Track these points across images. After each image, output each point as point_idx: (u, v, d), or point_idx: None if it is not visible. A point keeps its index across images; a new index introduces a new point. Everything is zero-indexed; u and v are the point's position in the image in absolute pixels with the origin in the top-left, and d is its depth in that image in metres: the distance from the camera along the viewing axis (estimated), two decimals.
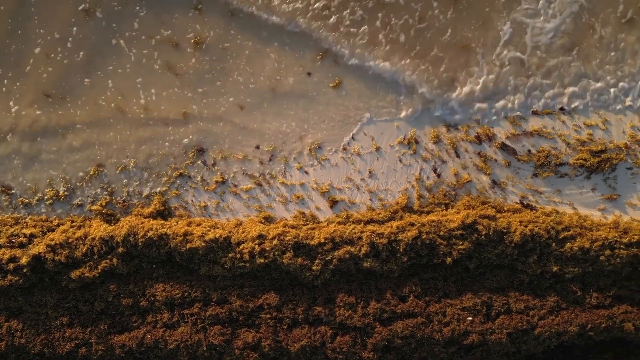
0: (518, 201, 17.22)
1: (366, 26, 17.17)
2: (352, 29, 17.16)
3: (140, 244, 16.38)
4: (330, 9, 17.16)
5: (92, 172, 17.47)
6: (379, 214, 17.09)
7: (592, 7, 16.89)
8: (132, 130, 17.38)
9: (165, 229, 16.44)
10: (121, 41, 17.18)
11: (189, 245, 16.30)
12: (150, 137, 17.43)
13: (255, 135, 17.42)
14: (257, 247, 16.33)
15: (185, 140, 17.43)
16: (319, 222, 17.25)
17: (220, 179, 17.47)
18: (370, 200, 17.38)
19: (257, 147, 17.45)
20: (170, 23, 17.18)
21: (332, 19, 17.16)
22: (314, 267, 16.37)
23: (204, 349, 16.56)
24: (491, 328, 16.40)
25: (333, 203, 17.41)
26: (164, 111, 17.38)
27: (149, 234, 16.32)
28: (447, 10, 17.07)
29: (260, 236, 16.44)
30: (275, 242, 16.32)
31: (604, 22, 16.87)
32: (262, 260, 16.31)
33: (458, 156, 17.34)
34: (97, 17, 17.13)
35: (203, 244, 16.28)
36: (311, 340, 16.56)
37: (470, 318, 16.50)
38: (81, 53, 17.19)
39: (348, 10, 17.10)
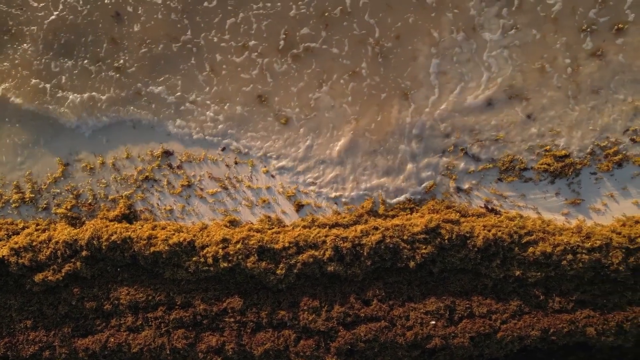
0: (483, 205, 17.29)
1: None
2: None
3: (104, 247, 16.40)
4: None
5: (57, 174, 17.46)
6: (344, 218, 17.14)
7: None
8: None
9: (129, 233, 16.46)
10: None
11: (152, 249, 16.33)
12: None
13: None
14: (220, 251, 16.36)
15: (152, 142, 17.45)
16: (284, 226, 17.28)
17: (186, 183, 17.49)
18: (336, 204, 17.42)
19: (223, 150, 17.46)
20: None
21: None
22: (278, 271, 16.41)
23: (168, 352, 16.58)
24: (454, 332, 16.46)
25: (299, 207, 17.45)
26: None
27: (112, 238, 16.33)
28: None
29: (224, 240, 16.47)
30: (239, 246, 16.36)
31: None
32: (225, 264, 16.34)
33: (425, 160, 17.37)
34: None
35: (167, 248, 16.31)
36: (275, 344, 16.60)
37: (433, 322, 16.57)
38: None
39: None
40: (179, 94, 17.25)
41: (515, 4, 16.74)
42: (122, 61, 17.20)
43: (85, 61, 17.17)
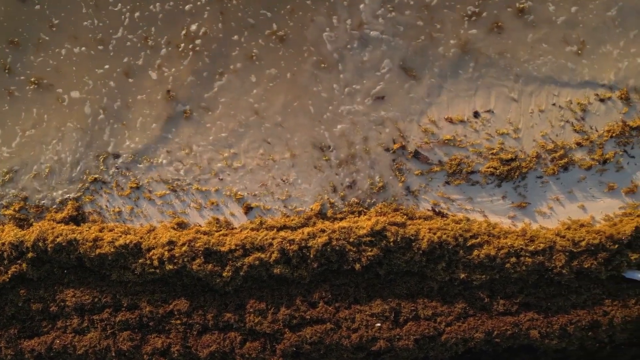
0: (430, 208, 17.38)
1: None
2: None
3: (49, 249, 16.42)
4: None
5: (5, 177, 17.46)
6: (293, 220, 17.19)
7: None
8: None
9: (75, 235, 16.48)
10: None
11: (98, 251, 16.36)
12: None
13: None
14: (166, 253, 16.40)
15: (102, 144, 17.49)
16: (232, 229, 17.33)
17: (135, 185, 17.52)
18: (285, 206, 17.48)
19: (169, 152, 17.50)
20: None
21: None
22: (225, 274, 16.47)
23: (113, 354, 16.62)
24: (399, 334, 16.56)
25: (248, 209, 17.50)
26: None
27: (58, 240, 16.35)
28: None
29: (170, 242, 16.51)
30: (185, 248, 16.40)
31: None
32: (171, 267, 16.38)
33: (373, 168, 17.46)
34: None
35: (112, 250, 16.34)
36: (221, 346, 16.65)
37: (378, 324, 16.65)
38: None
39: None
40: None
41: None
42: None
43: None
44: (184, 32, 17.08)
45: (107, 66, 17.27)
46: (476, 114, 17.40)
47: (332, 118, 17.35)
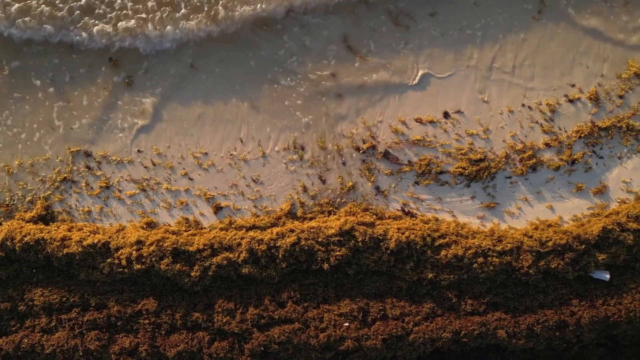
0: (400, 208, 17.42)
1: None
2: None
3: (17, 248, 16.40)
4: None
5: None
6: (262, 220, 17.20)
7: None
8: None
9: (43, 234, 16.47)
10: None
11: (66, 250, 16.35)
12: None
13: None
14: (134, 252, 16.40)
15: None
16: (202, 228, 17.34)
17: (105, 184, 17.51)
18: (255, 206, 17.49)
19: (140, 151, 17.51)
20: None
21: None
22: (193, 273, 16.47)
23: (81, 354, 16.59)
24: (367, 334, 16.56)
25: (217, 209, 17.51)
26: None
27: (25, 239, 16.34)
28: None
29: (138, 242, 16.51)
30: (153, 248, 16.40)
31: None
32: (139, 266, 16.38)
33: (344, 164, 17.50)
34: None
35: (80, 249, 16.33)
36: (188, 346, 16.64)
37: (346, 324, 16.66)
38: None
39: None
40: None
41: None
42: None
43: None
44: None
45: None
46: (446, 115, 17.45)
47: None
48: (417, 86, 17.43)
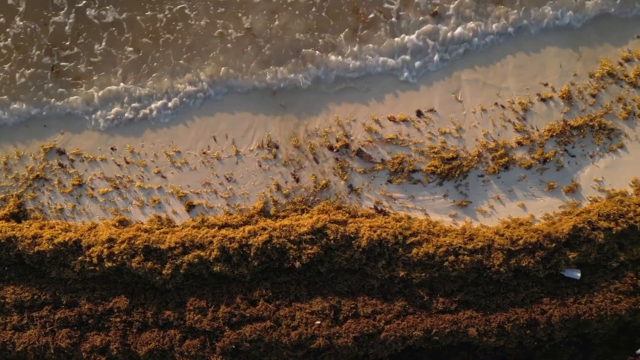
0: (372, 207, 17.43)
1: None
2: None
3: None
4: None
5: None
6: (235, 218, 17.21)
7: None
8: None
9: (14, 232, 16.46)
10: None
11: (37, 248, 16.34)
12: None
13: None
14: (105, 250, 16.39)
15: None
16: (174, 226, 17.34)
17: (77, 182, 17.50)
18: (228, 205, 17.50)
19: (114, 149, 17.50)
20: None
21: None
22: (165, 271, 16.47)
23: (52, 352, 16.58)
24: (338, 332, 16.57)
25: (190, 207, 17.51)
26: None
27: None
28: None
29: (110, 240, 16.51)
30: (124, 245, 16.39)
31: None
32: (110, 264, 16.37)
33: (317, 162, 17.52)
34: None
35: (51, 247, 16.33)
36: (160, 344, 16.64)
37: (318, 322, 16.67)
38: None
39: None
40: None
41: None
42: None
43: None
44: None
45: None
46: (419, 114, 17.47)
47: None
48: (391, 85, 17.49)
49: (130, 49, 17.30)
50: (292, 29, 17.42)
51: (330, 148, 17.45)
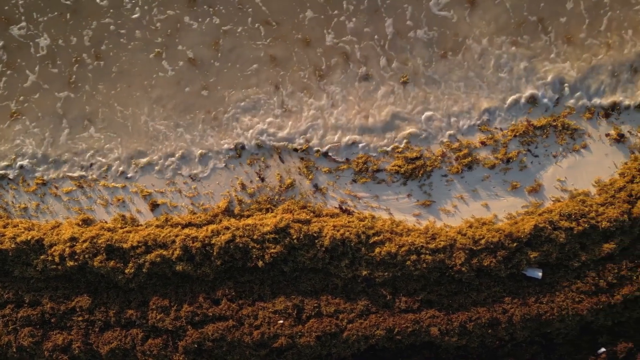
0: (337, 206, 17.46)
1: None
2: None
3: None
4: None
5: None
6: (199, 217, 17.22)
7: None
8: None
9: None
10: None
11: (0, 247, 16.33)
12: None
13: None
14: (67, 249, 16.39)
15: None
16: (138, 225, 17.34)
17: (41, 181, 17.49)
18: (192, 204, 17.51)
19: (78, 147, 17.51)
20: None
21: None
22: (127, 270, 16.47)
23: (14, 350, 16.57)
24: (301, 331, 16.60)
25: (154, 206, 17.51)
26: None
27: None
28: None
29: (72, 239, 16.50)
30: (86, 244, 16.39)
31: None
32: (72, 263, 16.37)
33: (282, 161, 17.53)
34: None
35: (14, 246, 16.31)
36: (121, 343, 16.65)
37: (281, 321, 16.70)
38: None
39: None
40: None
41: None
42: None
43: None
44: None
45: None
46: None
47: None
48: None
49: None
50: None
51: (295, 149, 17.44)
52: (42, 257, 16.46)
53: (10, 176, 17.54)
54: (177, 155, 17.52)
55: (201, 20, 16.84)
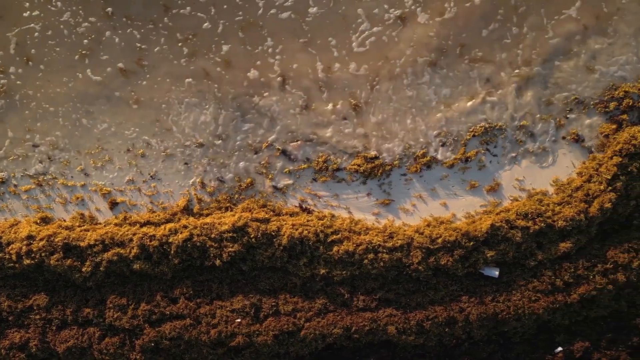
0: (297, 205, 17.47)
1: None
2: None
3: None
4: None
5: None
6: (157, 216, 17.19)
7: None
8: None
9: None
10: None
11: None
12: None
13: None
14: (24, 247, 16.34)
15: None
16: (97, 224, 17.30)
17: (0, 179, 17.43)
18: (151, 202, 17.48)
19: (35, 146, 17.44)
20: None
21: None
22: (84, 269, 16.44)
23: None
24: (258, 330, 16.61)
25: (113, 205, 17.47)
26: None
27: None
28: None
29: (29, 237, 16.46)
30: (43, 243, 16.35)
31: None
32: (29, 261, 16.33)
33: (243, 161, 17.52)
34: None
35: None
36: (78, 341, 16.63)
37: (238, 320, 16.70)
38: None
39: None
40: None
41: None
42: None
43: None
44: None
45: None
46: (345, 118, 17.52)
47: None
48: None
49: None
50: None
51: (255, 151, 17.43)
52: None
53: None
54: (137, 153, 17.48)
55: None
